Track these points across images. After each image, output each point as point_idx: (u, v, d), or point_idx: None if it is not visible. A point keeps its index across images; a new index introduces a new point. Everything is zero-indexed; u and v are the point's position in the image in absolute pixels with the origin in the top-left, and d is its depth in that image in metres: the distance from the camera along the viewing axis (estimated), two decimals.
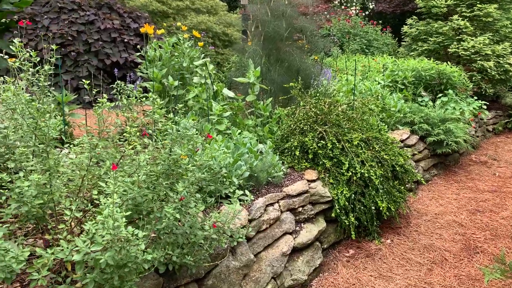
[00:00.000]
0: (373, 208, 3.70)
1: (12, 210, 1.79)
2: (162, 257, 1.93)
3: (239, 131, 3.45)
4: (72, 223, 2.01)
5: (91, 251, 1.62)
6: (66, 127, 4.18)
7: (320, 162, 3.81)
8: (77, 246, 1.63)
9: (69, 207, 1.85)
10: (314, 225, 3.46)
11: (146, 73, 4.60)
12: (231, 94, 4.17)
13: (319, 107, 4.25)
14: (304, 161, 3.86)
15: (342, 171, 3.73)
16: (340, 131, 3.95)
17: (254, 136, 4.39)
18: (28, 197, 1.78)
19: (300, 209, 3.37)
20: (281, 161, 3.88)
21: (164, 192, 1.85)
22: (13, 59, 2.37)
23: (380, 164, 3.89)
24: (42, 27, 6.87)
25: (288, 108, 4.56)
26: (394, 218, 4.19)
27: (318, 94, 5.21)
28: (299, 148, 3.89)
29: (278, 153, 4.01)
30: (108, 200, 1.67)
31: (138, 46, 5.32)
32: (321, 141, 3.86)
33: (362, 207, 3.72)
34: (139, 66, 4.75)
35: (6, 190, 1.86)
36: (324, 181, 3.71)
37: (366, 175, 3.68)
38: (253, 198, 3.00)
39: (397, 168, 3.95)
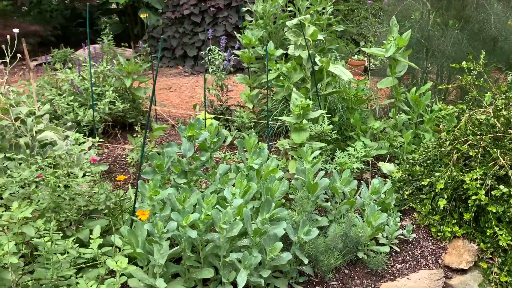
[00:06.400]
0: None
1: None
2: None
3: (306, 149, 1.82)
4: None
5: None
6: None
7: (489, 231, 1.90)
8: None
9: None
10: None
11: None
12: (347, 75, 2.51)
13: None
14: (454, 221, 2.01)
15: None
16: None
17: (384, 145, 2.66)
18: None
19: None
20: (400, 210, 2.13)
21: None
22: None
23: None
24: None
25: (455, 106, 2.60)
26: None
27: None
28: (449, 193, 2.03)
29: (408, 191, 2.23)
30: None
31: None
32: (500, 185, 1.91)
33: None
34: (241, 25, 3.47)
35: None
36: (486, 275, 1.83)
37: None
38: None
39: None
